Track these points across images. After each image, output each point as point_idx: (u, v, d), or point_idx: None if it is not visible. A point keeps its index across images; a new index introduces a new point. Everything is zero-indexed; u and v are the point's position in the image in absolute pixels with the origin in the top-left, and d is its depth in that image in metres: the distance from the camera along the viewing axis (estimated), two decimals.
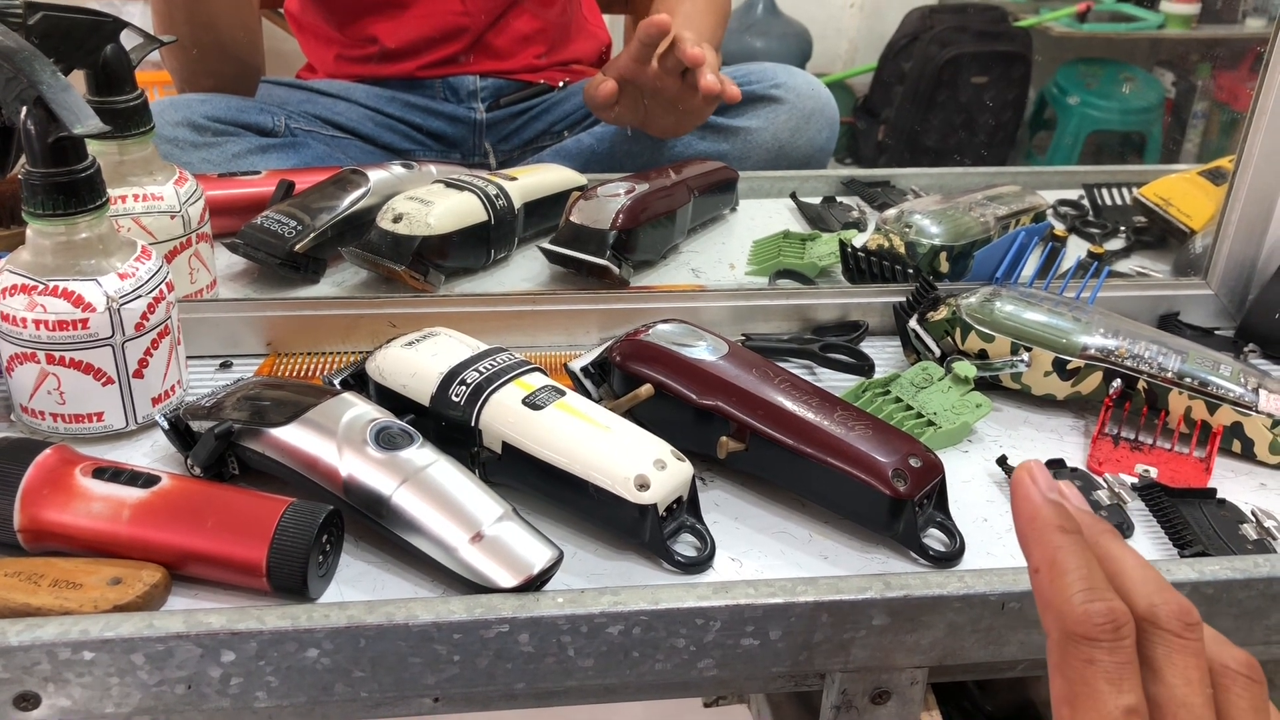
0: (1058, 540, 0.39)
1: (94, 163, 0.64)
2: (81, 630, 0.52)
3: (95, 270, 0.64)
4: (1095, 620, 0.36)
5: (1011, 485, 0.42)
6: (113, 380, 0.66)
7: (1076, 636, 0.36)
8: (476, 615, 0.53)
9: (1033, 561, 0.40)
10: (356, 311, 0.78)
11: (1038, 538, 0.40)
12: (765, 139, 1.18)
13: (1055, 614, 0.37)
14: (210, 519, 0.56)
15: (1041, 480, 0.41)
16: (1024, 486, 0.41)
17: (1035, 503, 0.40)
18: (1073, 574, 0.38)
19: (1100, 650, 0.36)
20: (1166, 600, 0.38)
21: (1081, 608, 0.37)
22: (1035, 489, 0.41)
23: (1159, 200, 1.00)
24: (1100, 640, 0.36)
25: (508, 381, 0.64)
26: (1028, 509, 0.41)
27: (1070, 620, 0.37)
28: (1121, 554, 0.40)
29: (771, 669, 0.57)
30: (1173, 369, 0.72)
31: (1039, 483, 0.41)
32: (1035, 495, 0.41)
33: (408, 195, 0.87)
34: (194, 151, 1.09)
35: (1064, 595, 0.37)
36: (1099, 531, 0.41)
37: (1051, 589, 0.38)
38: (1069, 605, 0.37)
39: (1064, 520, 0.40)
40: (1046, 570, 0.38)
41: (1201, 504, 0.66)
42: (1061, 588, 0.37)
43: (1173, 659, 0.37)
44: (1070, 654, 0.37)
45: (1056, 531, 0.39)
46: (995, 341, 0.75)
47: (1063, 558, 0.38)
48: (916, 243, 0.88)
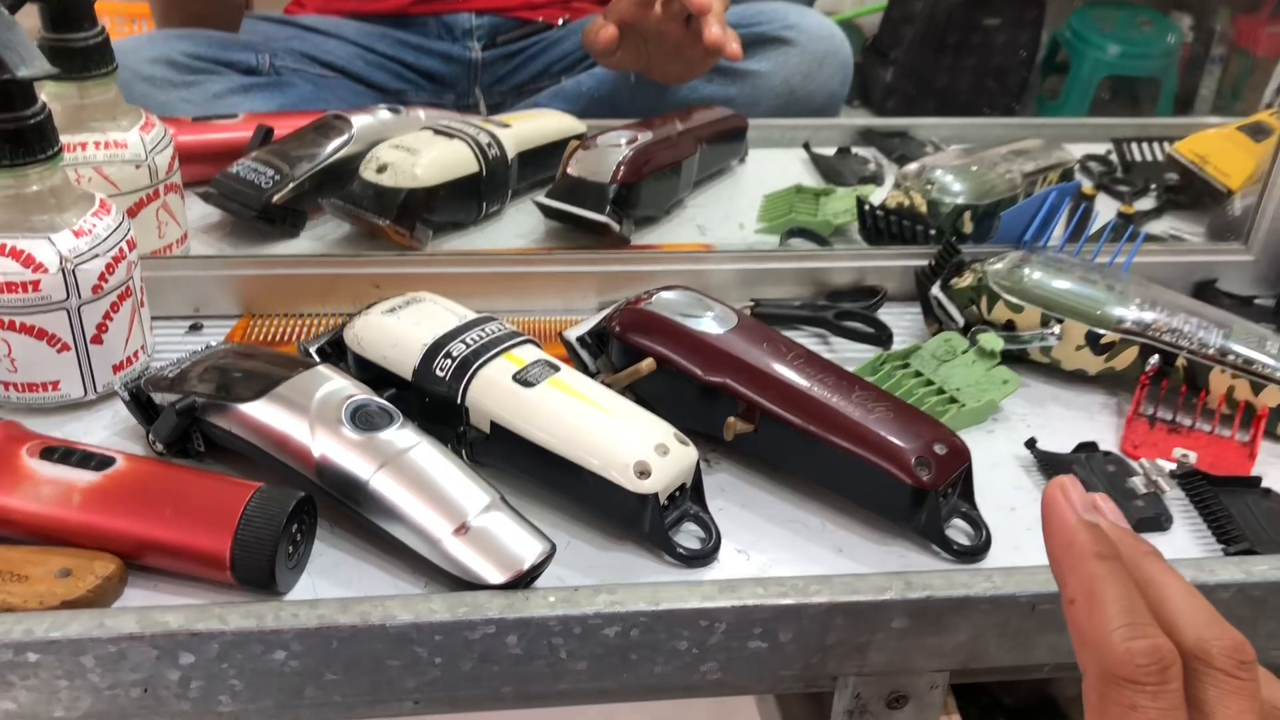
0: (1095, 569, 0.35)
1: (44, 108, 0.58)
2: (25, 630, 0.47)
3: (47, 227, 0.59)
4: (1138, 661, 0.32)
5: (1043, 504, 0.38)
6: (69, 346, 0.61)
7: (1118, 679, 0.32)
8: (460, 616, 0.49)
9: (1067, 592, 0.36)
10: (337, 270, 0.73)
11: (1073, 566, 0.36)
12: (775, 83, 1.12)
13: (1093, 651, 0.34)
14: (169, 505, 0.52)
15: (1076, 499, 0.37)
16: (1057, 507, 0.37)
17: (1070, 526, 0.36)
18: (1113, 607, 0.34)
19: (1144, 695, 0.32)
20: (1219, 635, 0.34)
21: (1123, 645, 0.33)
22: (1070, 510, 0.37)
23: (1195, 157, 0.94)
24: (1144, 684, 0.32)
25: (497, 355, 0.59)
26: (1062, 533, 0.36)
27: (1111, 660, 0.33)
28: (1166, 580, 0.36)
29: (779, 672, 0.53)
30: (1214, 345, 0.67)
31: (1074, 502, 0.37)
32: (1070, 517, 0.37)
33: (393, 143, 0.81)
34: (172, 91, 1.03)
35: (1103, 631, 0.33)
36: (1140, 554, 0.36)
37: (1089, 623, 0.34)
38: (1109, 643, 0.33)
39: (1102, 546, 0.36)
40: (1084, 602, 0.35)
41: (1246, 494, 0.61)
42: (1101, 622, 0.34)
43: (1225, 701, 0.33)
44: (1110, 698, 0.33)
45: (1094, 559, 0.35)
46: (1024, 312, 0.69)
47: (1101, 588, 0.34)
48: (939, 201, 0.82)
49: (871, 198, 0.86)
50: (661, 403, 0.61)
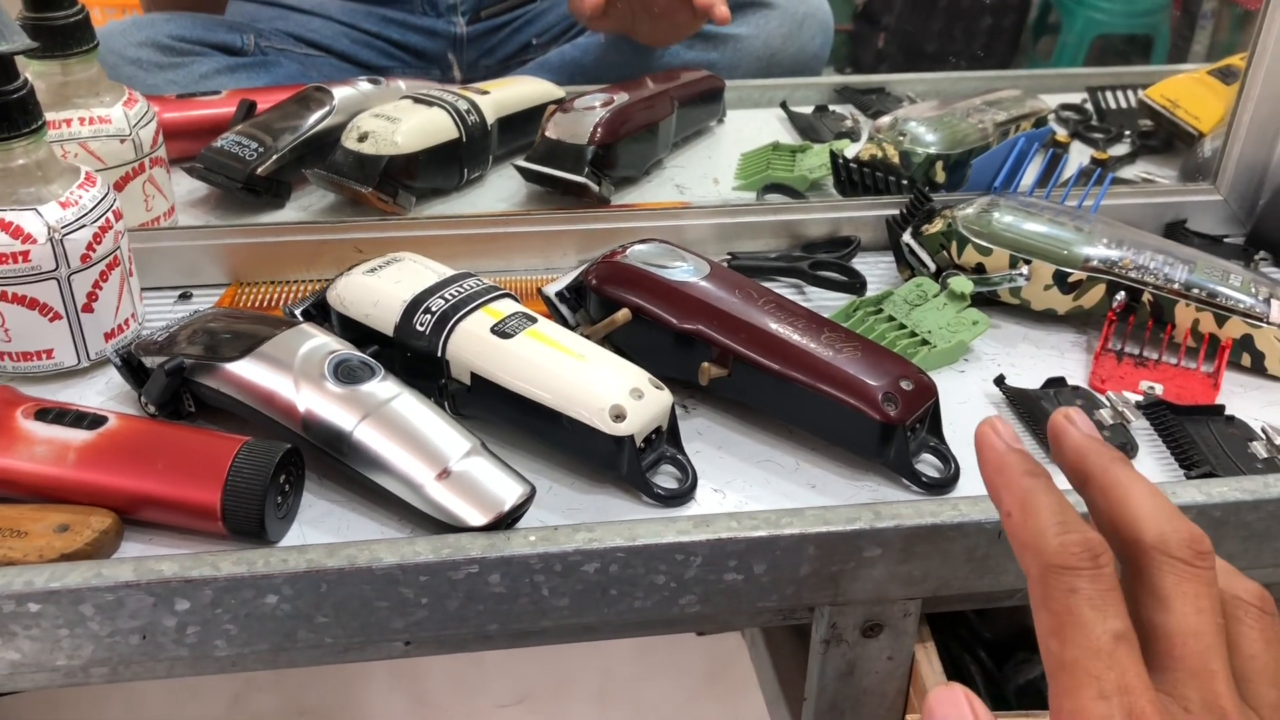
0: (1027, 484, 0.38)
1: (26, 83, 0.59)
2: (26, 581, 0.49)
3: (34, 199, 0.60)
4: (1072, 550, 0.35)
5: (976, 440, 0.41)
6: (60, 315, 0.62)
7: (1055, 568, 0.35)
8: (444, 556, 0.51)
9: (1004, 507, 0.38)
10: (321, 237, 0.74)
11: (1006, 484, 0.39)
12: (756, 46, 1.13)
13: (1032, 551, 0.36)
14: (160, 460, 0.53)
15: (1004, 432, 0.40)
16: (988, 439, 0.40)
17: (1000, 451, 0.40)
18: (1045, 511, 0.37)
19: (1081, 578, 0.35)
20: (1177, 528, 0.36)
21: (1057, 540, 0.35)
22: (998, 439, 0.40)
23: (1165, 102, 0.95)
24: (1080, 569, 0.35)
25: (476, 309, 0.61)
26: (993, 459, 0.40)
27: (1048, 554, 0.35)
28: (1130, 481, 0.38)
29: (757, 604, 0.55)
30: (1179, 280, 0.69)
31: (1001, 434, 0.40)
32: (999, 444, 0.40)
33: (374, 112, 0.83)
34: (159, 73, 1.05)
35: (1038, 531, 0.36)
36: (1108, 459, 0.39)
37: (1025, 528, 0.37)
38: (1044, 540, 0.36)
39: (1030, 465, 0.39)
40: (1019, 513, 0.37)
41: (1209, 421, 0.63)
42: (1036, 525, 0.36)
43: (1183, 587, 0.35)
44: (1051, 586, 0.35)
45: (1025, 475, 0.38)
46: (993, 254, 0.71)
47: (1033, 498, 0.37)
48: (911, 152, 0.84)
49: (846, 151, 0.87)
50: (639, 352, 0.62)
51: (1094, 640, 0.34)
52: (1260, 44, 0.78)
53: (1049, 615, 0.35)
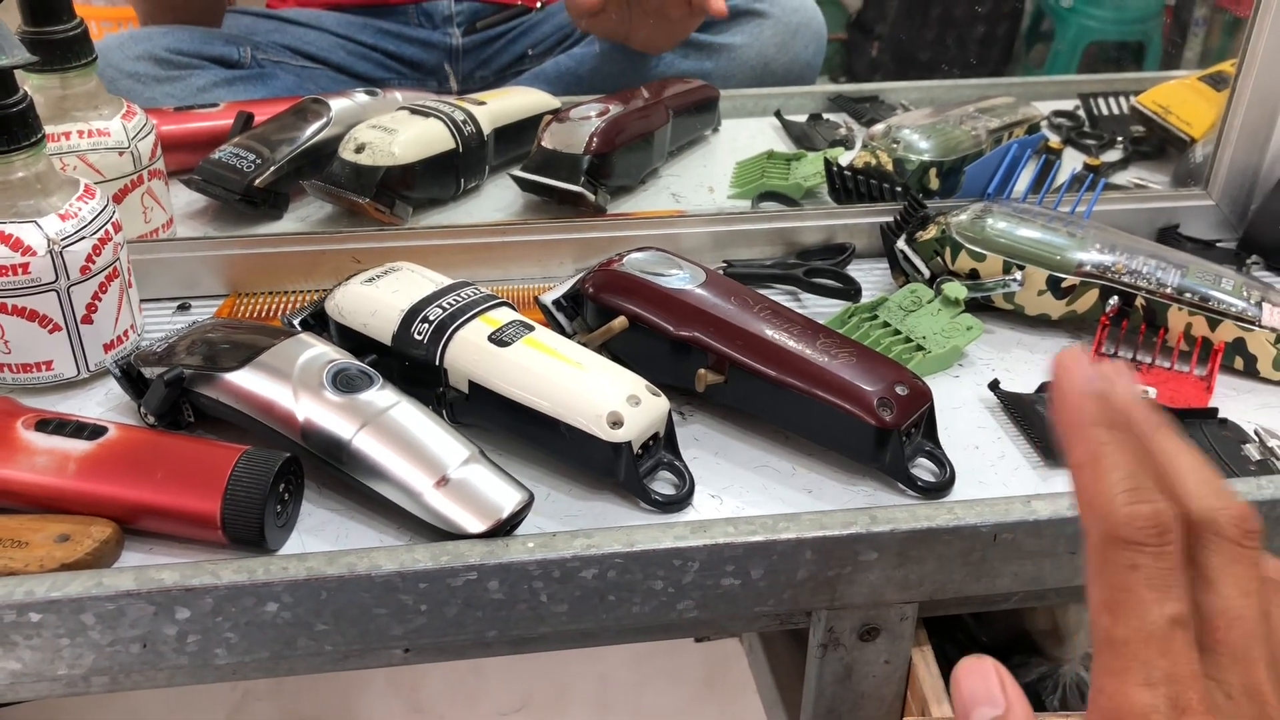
0: (1101, 436, 0.35)
1: (25, 97, 0.60)
2: (27, 591, 0.49)
3: (34, 211, 0.61)
4: (1139, 524, 0.33)
5: (1054, 372, 0.37)
6: (60, 327, 0.63)
7: (1119, 540, 0.33)
8: (443, 563, 0.51)
9: (1074, 457, 0.35)
10: (319, 247, 0.75)
11: (1080, 433, 0.35)
12: (750, 56, 1.13)
13: (1097, 515, 0.34)
14: (160, 470, 0.54)
15: (1081, 371, 0.36)
16: (1067, 375, 0.37)
17: (1079, 394, 0.36)
18: (1117, 473, 0.34)
19: (1144, 555, 0.33)
20: (1226, 505, 0.35)
21: (1126, 509, 0.33)
22: (1078, 376, 0.36)
23: (1157, 108, 0.96)
24: (1145, 545, 0.33)
25: (473, 317, 0.61)
26: (1070, 401, 0.36)
27: (1113, 522, 0.33)
28: (1178, 452, 0.36)
29: (754, 609, 0.55)
30: (1172, 284, 0.69)
31: (1077, 375, 0.36)
32: (1079, 385, 0.36)
33: (371, 123, 0.83)
34: (157, 86, 1.05)
35: (1107, 495, 0.34)
36: (1154, 425, 0.36)
37: (1094, 488, 0.34)
38: (1111, 506, 0.34)
39: (1109, 415, 0.35)
40: (1089, 467, 0.35)
41: (1202, 424, 0.63)
42: (1105, 487, 0.34)
43: (1228, 568, 0.34)
44: (1111, 558, 0.33)
45: (1100, 427, 0.35)
46: (987, 260, 0.71)
47: (1106, 454, 0.34)
48: (905, 159, 0.84)
49: (840, 159, 0.87)
50: (635, 359, 0.63)
51: (1149, 623, 0.32)
52: (1250, 50, 0.78)
53: (1105, 587, 0.33)
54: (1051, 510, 0.55)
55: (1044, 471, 0.61)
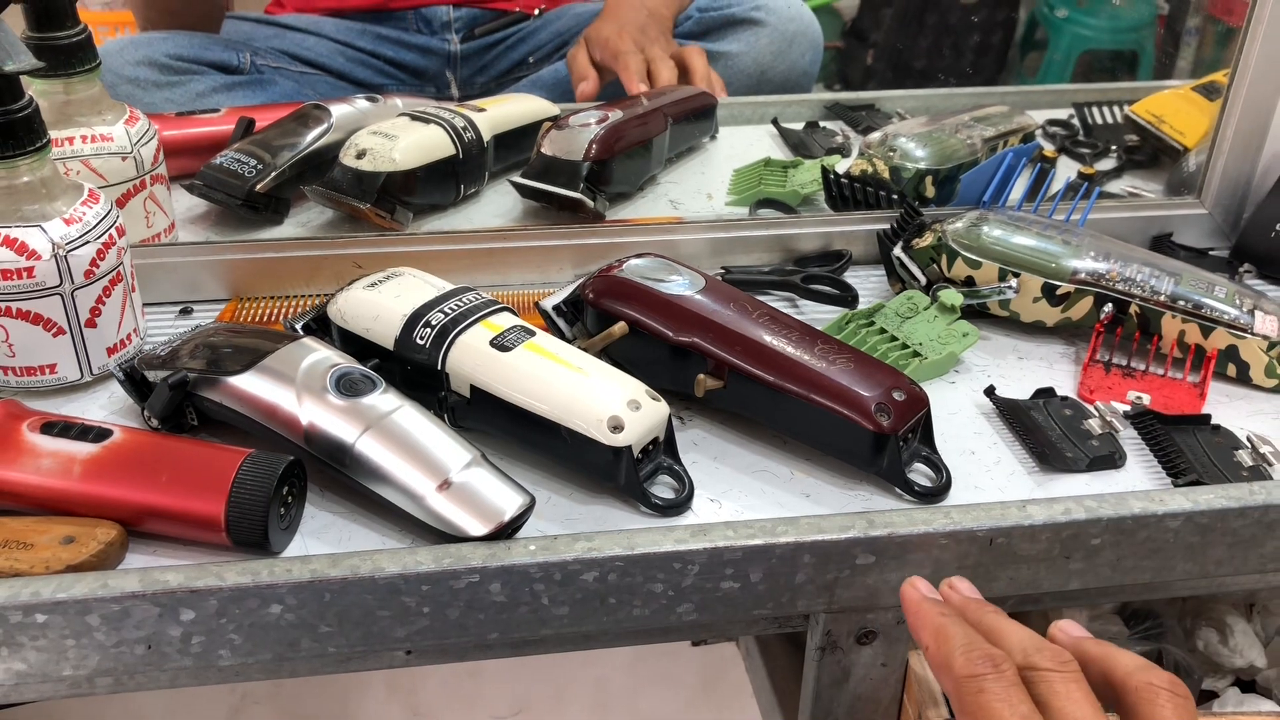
0: (939, 620, 0.46)
1: (31, 102, 0.60)
2: (33, 592, 0.50)
3: (39, 216, 0.61)
4: (976, 660, 0.43)
5: (901, 599, 0.49)
6: (64, 330, 0.63)
7: (965, 677, 0.43)
8: (445, 565, 0.52)
9: (923, 641, 0.46)
10: (320, 252, 0.75)
11: (923, 623, 0.47)
12: (747, 64, 1.14)
13: (947, 671, 0.44)
14: (165, 473, 0.54)
15: (921, 585, 0.49)
16: (907, 594, 0.49)
17: (917, 600, 0.48)
18: (956, 638, 0.45)
19: (987, 680, 0.43)
20: (1040, 648, 0.44)
21: (964, 656, 0.44)
22: (916, 591, 0.49)
23: (1151, 117, 0.97)
24: (984, 673, 0.43)
25: (475, 322, 0.61)
26: (912, 606, 0.48)
27: (959, 668, 0.43)
28: (1002, 625, 0.46)
29: (753, 612, 0.56)
30: (1166, 292, 0.70)
31: (919, 588, 0.49)
32: (915, 595, 0.48)
33: (371, 130, 0.84)
34: (156, 91, 1.06)
35: (949, 653, 0.44)
36: (984, 611, 0.48)
37: (941, 654, 0.45)
38: (954, 658, 0.44)
39: (942, 608, 0.47)
40: (935, 643, 0.46)
41: (1195, 430, 0.64)
42: (949, 649, 0.45)
43: (1055, 689, 0.43)
44: (964, 692, 0.43)
45: (938, 615, 0.47)
46: (982, 268, 0.72)
47: (945, 629, 0.46)
48: (901, 167, 0.85)
49: (837, 167, 0.88)
50: (635, 364, 0.63)
51: None
52: (1243, 60, 0.79)
53: (967, 717, 0.42)
54: (1046, 515, 0.55)
55: (1039, 477, 0.61)
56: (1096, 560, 0.57)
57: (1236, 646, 0.74)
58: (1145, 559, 0.57)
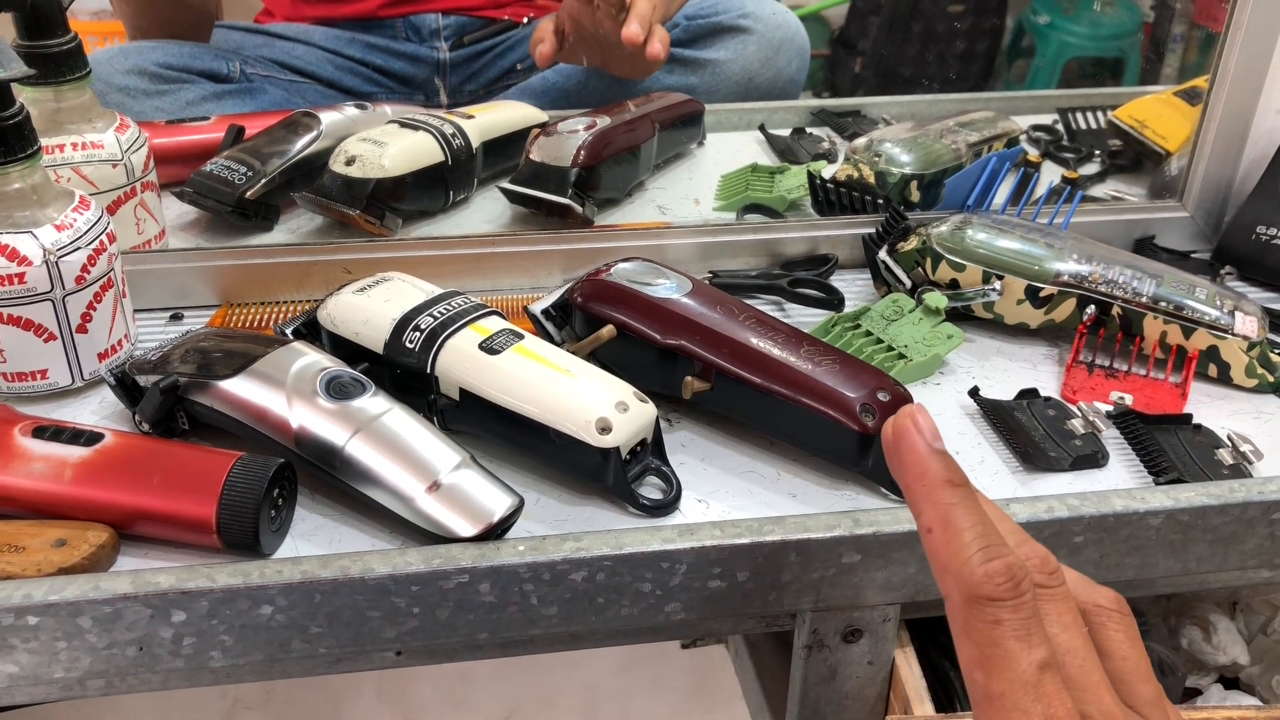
0: (948, 497, 0.36)
1: (22, 109, 0.61)
2: (25, 594, 0.50)
3: (30, 222, 0.62)
4: (997, 581, 0.34)
5: (894, 434, 0.38)
6: (55, 336, 0.64)
7: (980, 599, 0.35)
8: (435, 566, 0.52)
9: (924, 521, 0.37)
10: (310, 258, 0.76)
11: (927, 495, 0.37)
12: (734, 71, 1.15)
13: (954, 576, 0.35)
14: (156, 476, 0.55)
15: (926, 429, 0.37)
16: (908, 437, 0.37)
17: (922, 455, 0.37)
18: (968, 533, 0.35)
19: (1005, 609, 0.34)
20: (1029, 555, 0.37)
21: (982, 568, 0.35)
22: (920, 440, 0.37)
23: (1133, 122, 0.98)
24: (1004, 600, 0.34)
25: (464, 326, 0.62)
26: (915, 462, 0.37)
27: (971, 582, 0.35)
28: (986, 506, 0.38)
29: (740, 610, 0.56)
30: (1148, 293, 0.71)
31: (924, 431, 0.37)
32: (921, 446, 0.37)
33: (360, 137, 0.84)
34: (147, 100, 1.06)
35: (962, 557, 0.35)
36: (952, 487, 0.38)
37: (948, 550, 0.36)
38: (968, 567, 0.35)
39: (954, 474, 0.37)
40: (940, 530, 0.36)
41: (1177, 430, 0.65)
42: (959, 549, 0.35)
43: (1046, 610, 0.36)
44: (974, 617, 0.35)
45: (946, 487, 0.36)
46: (966, 270, 0.73)
47: (956, 515, 0.36)
48: (886, 172, 0.86)
49: (823, 172, 0.89)
50: (623, 367, 0.64)
51: (1020, 673, 0.34)
52: (1223, 65, 0.80)
53: (973, 646, 0.35)
54: (1030, 513, 0.56)
55: (1023, 476, 0.62)
56: (1080, 558, 0.58)
57: (1220, 644, 0.74)
58: (1127, 556, 0.58)
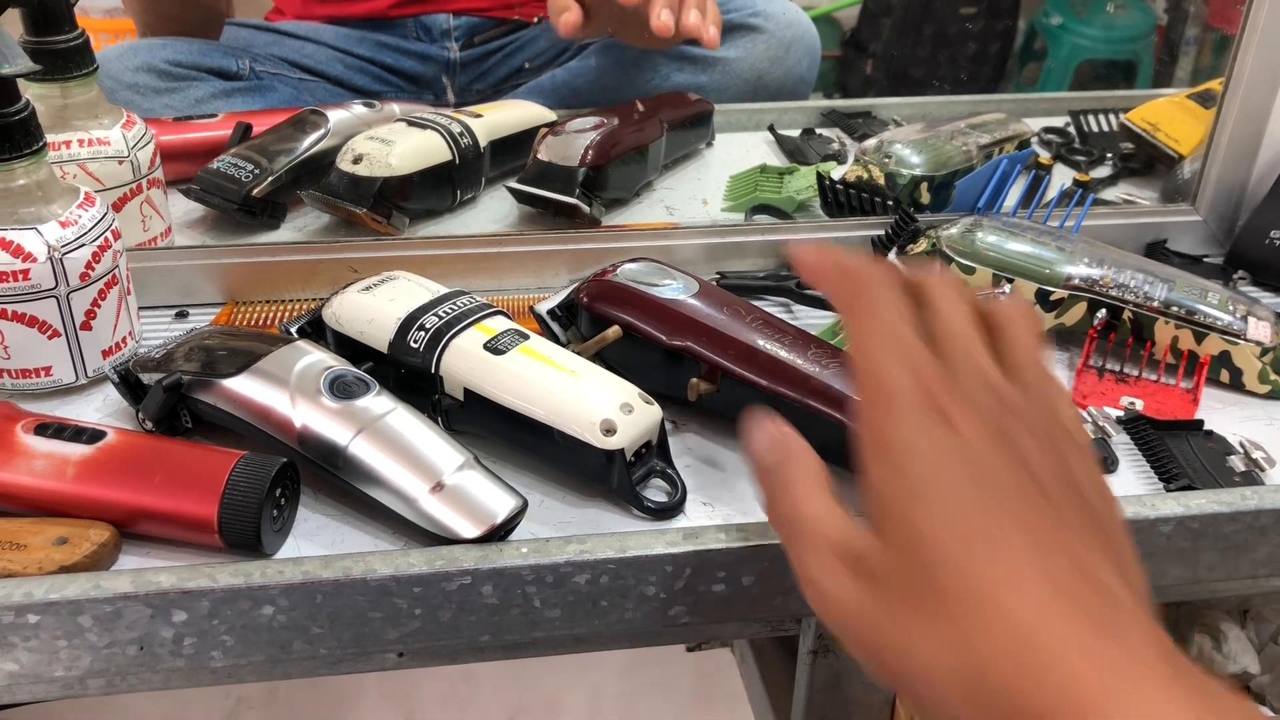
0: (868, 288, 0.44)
1: (28, 105, 0.61)
2: (25, 593, 0.50)
3: (35, 218, 0.62)
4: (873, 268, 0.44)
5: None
6: (59, 333, 0.63)
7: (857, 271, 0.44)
8: (437, 567, 0.52)
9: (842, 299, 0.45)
10: (316, 257, 0.75)
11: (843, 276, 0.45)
12: (744, 69, 1.15)
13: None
14: (158, 474, 0.54)
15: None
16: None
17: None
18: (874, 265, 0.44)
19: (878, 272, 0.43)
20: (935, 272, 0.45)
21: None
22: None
23: (1146, 125, 0.97)
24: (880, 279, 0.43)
25: (469, 326, 0.62)
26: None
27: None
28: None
29: (745, 615, 0.56)
30: (1159, 298, 0.70)
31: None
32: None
33: (368, 135, 0.84)
34: (156, 97, 1.06)
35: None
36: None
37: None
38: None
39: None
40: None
41: (1188, 436, 0.64)
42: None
43: (938, 293, 0.43)
44: (851, 277, 0.44)
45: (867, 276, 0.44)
46: (976, 273, 0.72)
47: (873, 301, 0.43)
48: (896, 173, 0.85)
49: (832, 173, 0.88)
50: (629, 368, 0.63)
51: (886, 323, 0.41)
52: (1237, 68, 0.80)
53: (846, 294, 0.43)
54: None
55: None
56: None
57: (1230, 653, 0.74)
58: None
